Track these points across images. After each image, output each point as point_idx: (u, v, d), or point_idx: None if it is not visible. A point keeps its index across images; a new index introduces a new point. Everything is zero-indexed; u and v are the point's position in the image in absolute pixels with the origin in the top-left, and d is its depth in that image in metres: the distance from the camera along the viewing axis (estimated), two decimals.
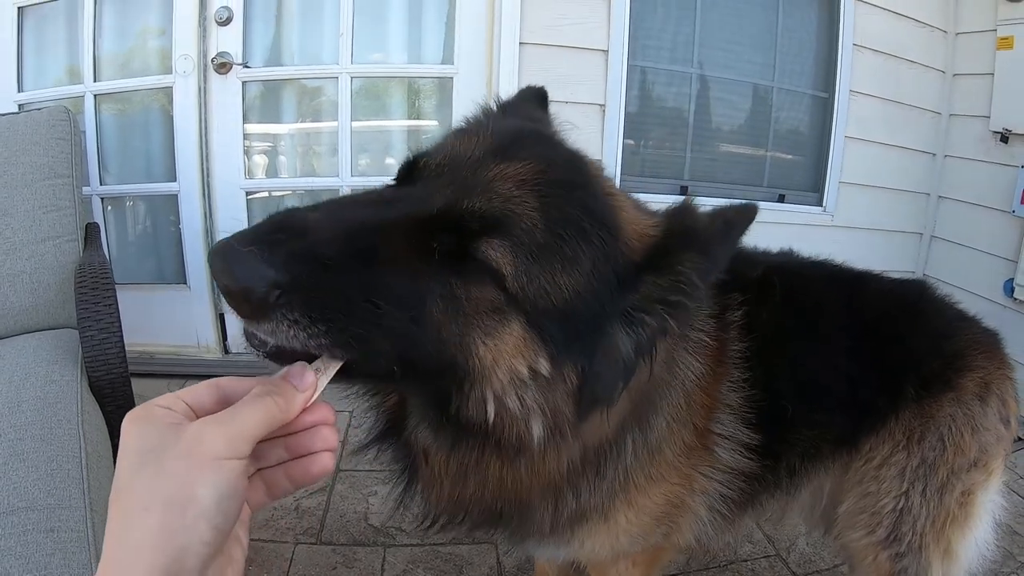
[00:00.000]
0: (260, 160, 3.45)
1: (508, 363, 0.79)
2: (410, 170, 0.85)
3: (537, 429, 0.84)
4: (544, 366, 0.81)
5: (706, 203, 1.05)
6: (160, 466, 0.53)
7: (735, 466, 1.29)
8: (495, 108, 1.08)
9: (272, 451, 0.65)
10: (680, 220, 0.90)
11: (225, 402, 0.61)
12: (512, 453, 0.89)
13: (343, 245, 0.68)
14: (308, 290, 0.63)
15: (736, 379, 1.27)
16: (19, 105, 3.12)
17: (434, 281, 0.75)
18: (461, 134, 0.87)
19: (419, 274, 0.74)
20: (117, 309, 1.90)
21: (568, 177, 0.86)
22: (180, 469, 0.53)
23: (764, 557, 2.24)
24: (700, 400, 1.22)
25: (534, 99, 1.15)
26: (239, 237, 0.63)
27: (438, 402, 0.85)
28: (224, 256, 0.60)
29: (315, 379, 0.65)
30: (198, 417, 0.59)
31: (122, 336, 1.86)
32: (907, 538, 1.38)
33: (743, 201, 0.91)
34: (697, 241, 0.87)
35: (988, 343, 1.44)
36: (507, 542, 1.28)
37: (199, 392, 0.61)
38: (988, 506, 1.41)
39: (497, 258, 0.76)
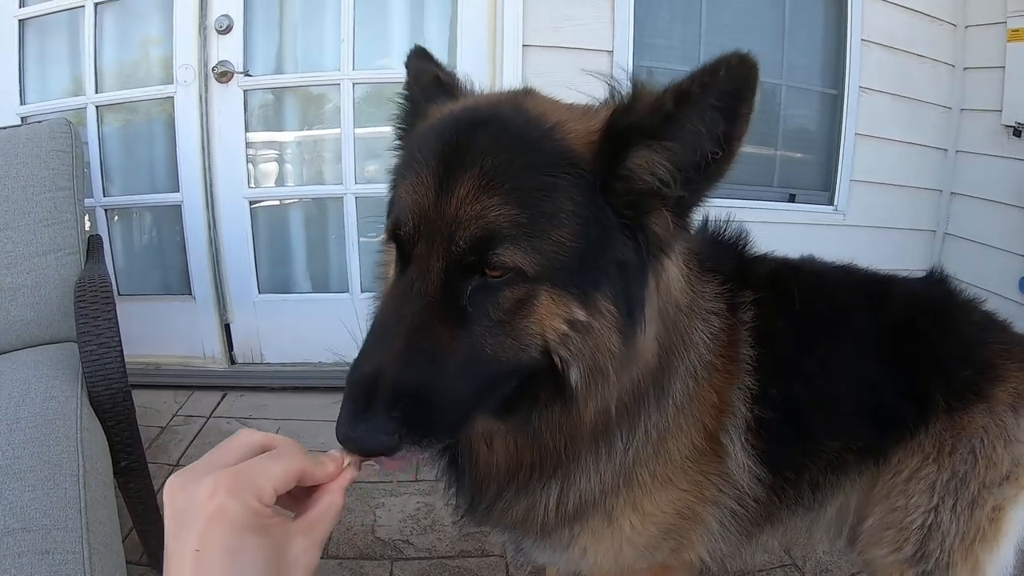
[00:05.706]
0: (264, 169, 3.42)
1: (550, 325, 0.87)
2: (400, 247, 0.90)
3: (575, 374, 0.91)
4: (580, 313, 0.88)
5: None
6: None
7: (747, 481, 1.24)
8: (406, 104, 1.18)
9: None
10: (615, 114, 0.90)
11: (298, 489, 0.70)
12: (568, 398, 0.95)
13: (412, 373, 0.80)
14: (412, 423, 0.79)
15: (747, 386, 1.22)
16: (22, 118, 3.12)
17: (478, 329, 0.85)
18: (407, 178, 0.90)
19: (469, 335, 0.84)
20: (116, 323, 1.87)
21: (508, 151, 0.87)
22: None
23: (780, 567, 2.18)
24: (710, 398, 1.18)
25: (419, 59, 1.21)
26: (349, 420, 0.77)
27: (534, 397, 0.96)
28: (352, 443, 0.76)
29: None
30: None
31: (122, 350, 1.82)
32: (935, 556, 1.32)
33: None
34: (635, 133, 0.87)
35: (1020, 351, 1.37)
36: (519, 535, 1.25)
37: (289, 481, 0.67)
38: (1017, 523, 1.34)
39: (511, 260, 0.83)
